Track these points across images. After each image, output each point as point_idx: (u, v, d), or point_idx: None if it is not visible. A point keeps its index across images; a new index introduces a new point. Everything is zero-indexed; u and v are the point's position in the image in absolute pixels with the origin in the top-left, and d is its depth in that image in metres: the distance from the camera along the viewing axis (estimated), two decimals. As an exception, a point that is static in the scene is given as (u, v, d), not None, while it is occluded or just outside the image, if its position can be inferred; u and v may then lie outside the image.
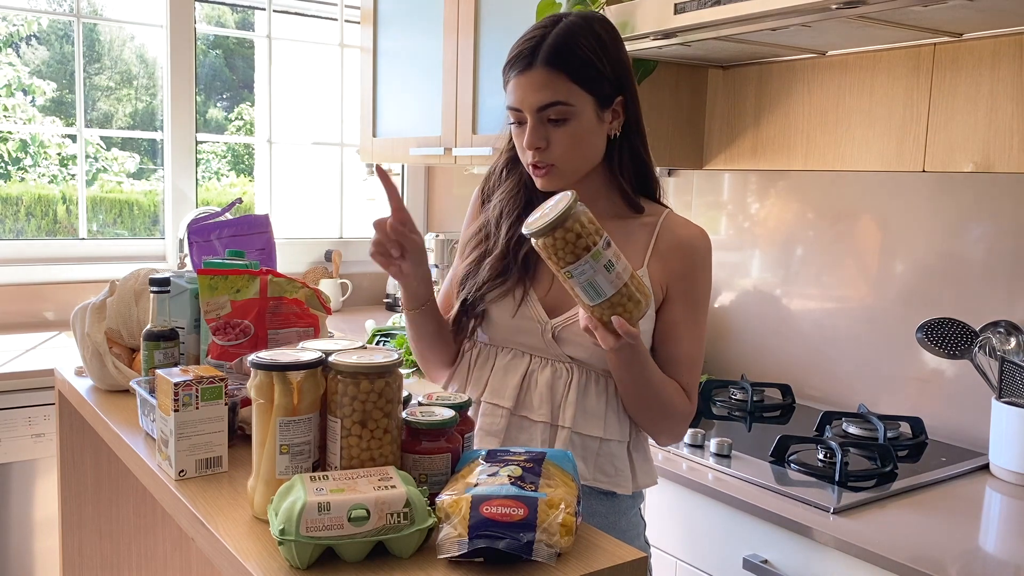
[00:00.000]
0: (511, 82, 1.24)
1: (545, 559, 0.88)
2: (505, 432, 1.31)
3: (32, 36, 5.19)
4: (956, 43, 1.79)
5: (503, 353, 1.34)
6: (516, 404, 1.31)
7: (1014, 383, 1.62)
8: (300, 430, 1.00)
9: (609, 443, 1.30)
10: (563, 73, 1.20)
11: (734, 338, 2.31)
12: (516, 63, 1.23)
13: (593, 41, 1.22)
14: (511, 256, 1.31)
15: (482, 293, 1.32)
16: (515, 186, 1.34)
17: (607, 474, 1.29)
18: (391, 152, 2.96)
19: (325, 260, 3.32)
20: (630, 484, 1.31)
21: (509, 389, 1.32)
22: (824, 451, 1.63)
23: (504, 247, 1.31)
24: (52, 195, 5.13)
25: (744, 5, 1.57)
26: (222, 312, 1.40)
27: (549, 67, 1.20)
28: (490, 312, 1.32)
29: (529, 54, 1.21)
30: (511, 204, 1.34)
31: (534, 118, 1.22)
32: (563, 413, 1.28)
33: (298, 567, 0.88)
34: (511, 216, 1.33)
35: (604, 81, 1.23)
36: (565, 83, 1.20)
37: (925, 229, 1.89)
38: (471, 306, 1.33)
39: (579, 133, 1.23)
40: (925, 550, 1.29)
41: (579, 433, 1.28)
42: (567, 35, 1.21)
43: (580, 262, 1.08)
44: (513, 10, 2.37)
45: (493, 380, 1.33)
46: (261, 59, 5.10)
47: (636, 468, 1.33)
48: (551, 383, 1.29)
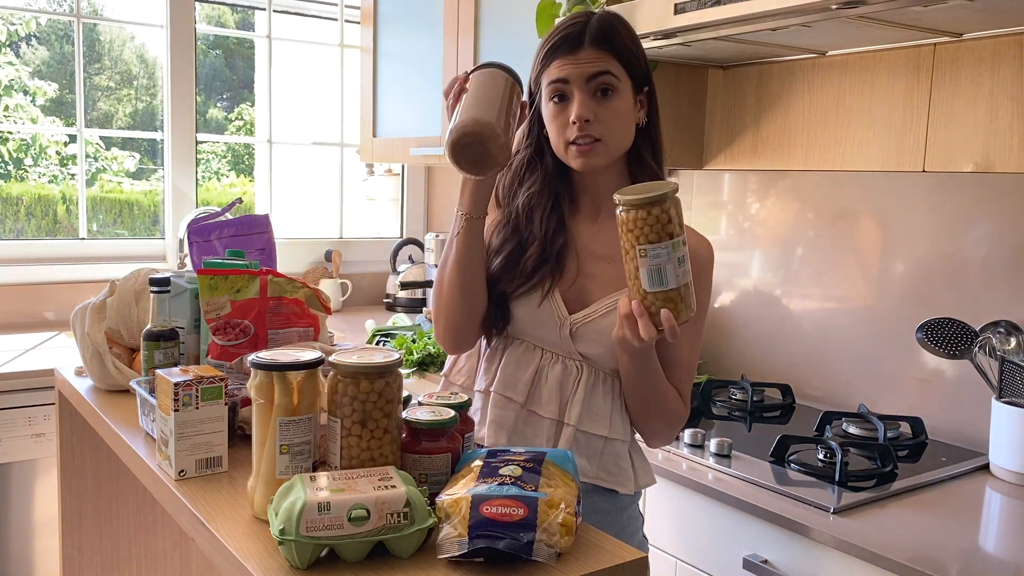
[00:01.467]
0: (554, 63, 1.26)
1: (545, 559, 0.88)
2: (513, 426, 1.32)
3: (32, 36, 5.19)
4: (956, 43, 1.79)
5: (515, 345, 1.34)
6: (527, 399, 1.32)
7: (1014, 383, 1.62)
8: (300, 430, 1.00)
9: (614, 443, 1.31)
10: (610, 52, 1.25)
11: (734, 338, 2.31)
12: (562, 45, 1.25)
13: (628, 30, 1.29)
14: (548, 248, 1.31)
15: (519, 287, 1.31)
16: (542, 179, 1.34)
17: (611, 473, 1.31)
18: (391, 152, 2.96)
19: (325, 260, 3.32)
20: (632, 484, 1.33)
21: (521, 383, 1.32)
22: (824, 451, 1.63)
23: (542, 239, 1.31)
24: (52, 195, 5.13)
25: (744, 5, 1.57)
26: (222, 312, 1.40)
27: (598, 46, 1.25)
28: (517, 304, 1.32)
29: (576, 36, 1.25)
30: (541, 197, 1.33)
31: (583, 90, 1.24)
32: (570, 411, 1.30)
33: (298, 567, 0.88)
34: (542, 207, 1.33)
35: (640, 66, 1.28)
36: (613, 60, 1.25)
37: (925, 229, 1.89)
38: (505, 299, 1.33)
39: (622, 109, 1.26)
40: (925, 550, 1.29)
41: (584, 431, 1.29)
42: (608, 22, 1.27)
43: (661, 244, 1.09)
44: (513, 10, 2.37)
45: (504, 371, 1.34)
46: (261, 59, 5.10)
47: (637, 468, 1.35)
48: (561, 380, 1.30)
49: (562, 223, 1.33)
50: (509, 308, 1.32)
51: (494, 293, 1.33)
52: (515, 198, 1.36)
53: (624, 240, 1.12)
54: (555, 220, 1.33)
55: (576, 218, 1.36)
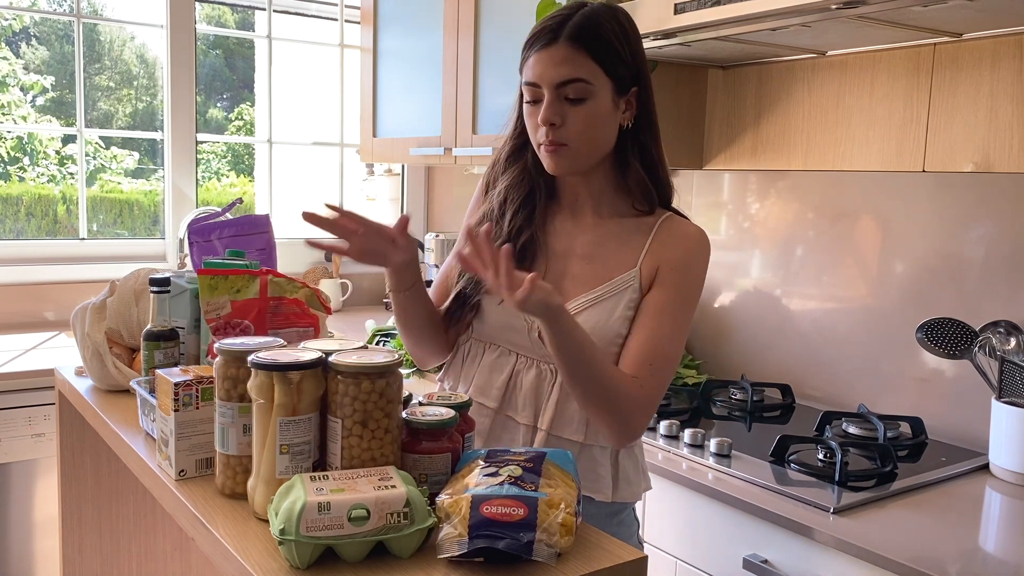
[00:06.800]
0: (531, 58, 1.23)
1: (545, 559, 0.88)
2: (489, 432, 1.31)
3: (32, 36, 5.19)
4: (956, 43, 1.79)
5: (491, 350, 1.33)
6: (501, 404, 1.31)
7: (1014, 383, 1.62)
8: (300, 430, 1.00)
9: (591, 448, 1.28)
10: (586, 51, 1.20)
11: (734, 338, 2.31)
12: (539, 39, 1.22)
13: (616, 27, 1.23)
14: (512, 244, 1.28)
15: (480, 285, 1.30)
16: (520, 172, 1.33)
17: (587, 479, 1.27)
18: (391, 152, 2.96)
19: (325, 260, 3.32)
20: (610, 492, 1.29)
21: (495, 389, 1.31)
22: (824, 451, 1.63)
23: (507, 235, 1.30)
24: (52, 195, 5.14)
25: (744, 5, 1.57)
26: (222, 312, 1.40)
27: (572, 44, 1.20)
28: (482, 303, 1.31)
29: (553, 30, 1.21)
30: (515, 191, 1.32)
31: (552, 94, 1.21)
32: (543, 416, 1.27)
33: (298, 567, 0.88)
34: (515, 202, 1.32)
35: (623, 67, 1.23)
36: (587, 61, 1.20)
37: (925, 229, 1.89)
38: (467, 297, 1.32)
39: (595, 115, 1.22)
40: (925, 550, 1.29)
41: (557, 436, 1.27)
42: (592, 16, 1.22)
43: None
44: (513, 10, 2.37)
45: (479, 378, 1.33)
46: (261, 59, 5.10)
47: (620, 478, 1.30)
48: (536, 385, 1.29)
49: (531, 220, 1.31)
50: (471, 305, 1.32)
51: (457, 288, 1.32)
52: (495, 188, 1.35)
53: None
54: (523, 217, 1.30)
55: (558, 216, 1.34)
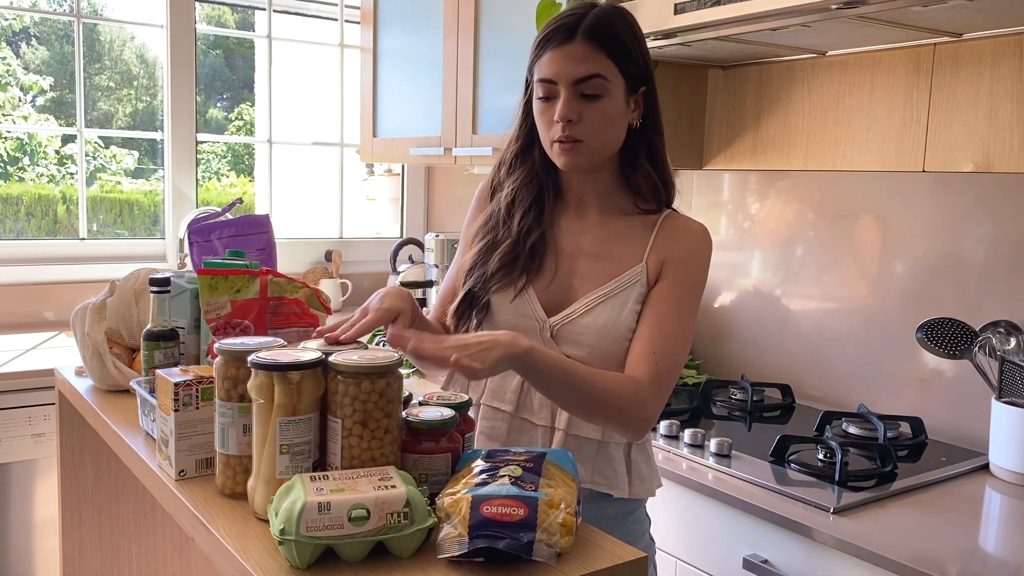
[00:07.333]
0: (546, 55, 1.23)
1: (545, 559, 0.88)
2: (506, 436, 1.31)
3: (32, 36, 5.19)
4: (956, 43, 1.79)
5: None
6: (517, 407, 1.31)
7: (1014, 383, 1.62)
8: (300, 430, 1.00)
9: (607, 445, 1.29)
10: (603, 49, 1.21)
11: (734, 338, 2.31)
12: (555, 36, 1.23)
13: (627, 27, 1.25)
14: (521, 244, 1.29)
15: (489, 285, 1.30)
16: (528, 173, 1.33)
17: (605, 476, 1.29)
18: (391, 152, 2.96)
19: (325, 260, 3.32)
20: (627, 488, 1.30)
21: (509, 392, 1.31)
22: (824, 451, 1.63)
23: (516, 235, 1.30)
24: (52, 195, 5.14)
25: (744, 5, 1.57)
26: (222, 312, 1.40)
27: (590, 41, 1.21)
28: (492, 303, 1.31)
29: (569, 28, 1.22)
30: (524, 191, 1.32)
31: (569, 91, 1.22)
32: (559, 415, 1.28)
33: (298, 567, 0.88)
34: (524, 203, 1.32)
35: (635, 66, 1.25)
36: (604, 59, 1.22)
37: (925, 229, 1.89)
38: (476, 297, 1.32)
39: (609, 112, 1.23)
40: (925, 550, 1.29)
41: (575, 435, 1.27)
42: (606, 16, 1.23)
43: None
44: (513, 10, 2.37)
45: (491, 382, 1.33)
46: (261, 59, 5.10)
47: (633, 473, 1.31)
48: None
49: (540, 220, 1.31)
50: (480, 307, 1.31)
51: (465, 289, 1.32)
52: (503, 190, 1.35)
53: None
54: (533, 217, 1.31)
55: (564, 215, 1.34)
